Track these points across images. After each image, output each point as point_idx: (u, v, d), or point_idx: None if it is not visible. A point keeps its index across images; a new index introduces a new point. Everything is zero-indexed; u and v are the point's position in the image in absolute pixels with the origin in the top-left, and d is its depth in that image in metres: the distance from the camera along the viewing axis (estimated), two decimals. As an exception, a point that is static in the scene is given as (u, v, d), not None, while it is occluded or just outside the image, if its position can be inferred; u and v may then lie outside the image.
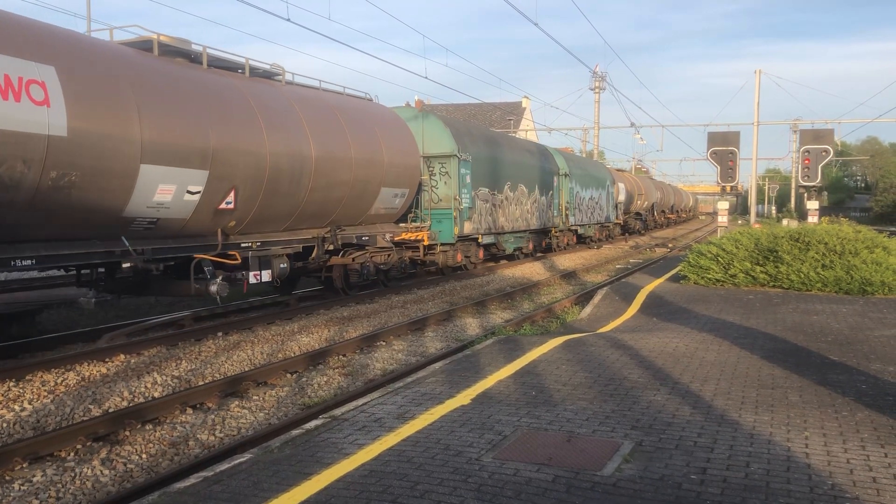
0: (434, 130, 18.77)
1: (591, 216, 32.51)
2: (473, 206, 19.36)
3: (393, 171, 15.22)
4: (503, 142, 23.39)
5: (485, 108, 62.43)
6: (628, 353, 8.11)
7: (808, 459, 4.76)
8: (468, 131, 20.43)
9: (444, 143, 18.68)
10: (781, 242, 14.26)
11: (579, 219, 30.44)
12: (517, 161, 23.30)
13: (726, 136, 28.23)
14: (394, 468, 4.61)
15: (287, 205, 12.28)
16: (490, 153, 21.03)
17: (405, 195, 16.07)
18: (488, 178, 20.58)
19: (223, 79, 11.40)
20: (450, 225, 18.33)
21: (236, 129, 10.83)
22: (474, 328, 12.47)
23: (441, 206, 18.46)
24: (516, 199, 22.88)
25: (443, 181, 18.55)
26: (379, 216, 15.53)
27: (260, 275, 11.95)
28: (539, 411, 5.85)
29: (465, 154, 18.89)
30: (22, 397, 7.74)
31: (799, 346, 8.50)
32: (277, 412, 7.63)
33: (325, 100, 13.99)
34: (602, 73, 53.84)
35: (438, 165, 18.56)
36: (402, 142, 15.98)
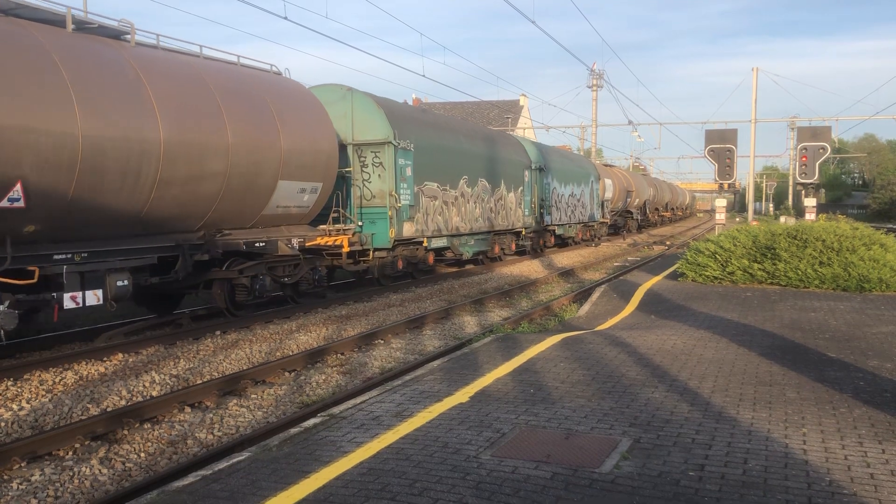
0: (365, 113, 15.73)
1: (571, 215, 29.68)
2: (417, 204, 16.57)
3: (296, 160, 12.35)
4: (460, 129, 20.36)
5: (483, 107, 62.41)
6: (626, 350, 8.12)
7: (805, 456, 4.77)
8: (410, 115, 17.48)
9: (376, 127, 15.61)
10: (779, 240, 14.27)
11: (557, 218, 27.52)
12: (477, 152, 20.35)
13: (724, 134, 28.23)
14: (392, 466, 4.62)
15: (123, 203, 9.53)
16: (440, 142, 18.05)
17: (317, 190, 13.21)
18: (438, 172, 17.64)
19: (20, 32, 8.57)
20: (384, 226, 15.51)
21: (27, 101, 8.19)
22: (472, 326, 12.47)
23: (375, 203, 15.59)
24: (476, 195, 19.94)
25: (376, 174, 15.62)
26: (281, 217, 12.69)
27: (82, 297, 9.15)
28: (537, 409, 5.85)
29: (405, 142, 15.94)
30: (20, 396, 7.74)
31: (797, 343, 8.52)
32: (276, 411, 7.63)
33: (194, 69, 11.05)
34: (600, 71, 53.86)
35: (371, 155, 15.63)
36: (310, 124, 12.94)
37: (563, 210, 28.47)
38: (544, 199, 25.73)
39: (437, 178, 17.64)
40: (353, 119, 15.68)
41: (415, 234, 16.62)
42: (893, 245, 14.26)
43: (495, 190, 21.49)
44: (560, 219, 28.02)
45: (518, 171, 23.62)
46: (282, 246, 12.41)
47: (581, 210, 31.25)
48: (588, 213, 32.53)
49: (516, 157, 23.66)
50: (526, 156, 24.78)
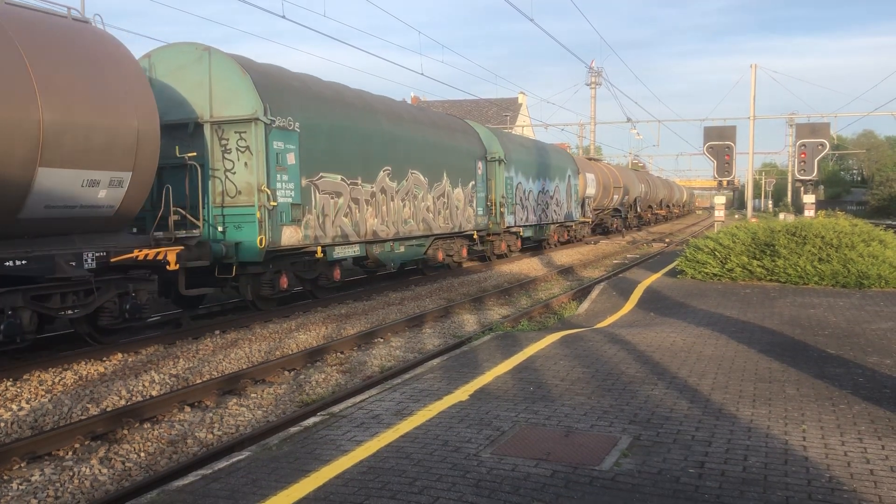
0: (226, 80, 11.90)
1: (543, 214, 25.95)
2: (308, 203, 12.81)
3: (74, 141, 8.70)
4: (380, 108, 15.96)
5: (481, 105, 62.41)
6: (626, 348, 8.12)
7: (805, 452, 4.77)
8: (295, 85, 13.10)
9: (240, 99, 11.75)
10: (778, 237, 14.27)
11: (523, 217, 23.68)
12: (407, 137, 16.49)
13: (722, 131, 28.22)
14: (392, 464, 4.62)
15: None
16: (346, 122, 14.18)
17: (123, 183, 9.42)
18: (344, 161, 13.95)
19: None
20: (252, 232, 11.70)
21: None
22: (472, 324, 12.47)
23: (240, 201, 11.84)
24: (406, 191, 16.30)
25: (242, 162, 11.79)
26: (62, 222, 9.00)
27: None
28: (537, 406, 5.85)
29: (284, 119, 12.21)
30: (20, 396, 7.74)
31: (796, 339, 8.52)
32: (276, 410, 7.63)
33: None
34: (598, 68, 53.84)
35: (235, 136, 11.78)
36: (108, 89, 9.28)
37: (532, 209, 24.70)
38: (506, 197, 22.05)
39: (341, 168, 13.86)
40: (212, 89, 11.92)
41: (302, 241, 12.67)
42: (892, 241, 14.27)
43: (434, 185, 17.76)
44: (528, 219, 24.25)
45: (468, 162, 19.92)
46: (62, 265, 8.89)
47: (555, 209, 27.61)
48: (564, 212, 28.95)
49: (465, 146, 19.94)
50: (479, 144, 21.06)
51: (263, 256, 11.85)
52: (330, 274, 14.23)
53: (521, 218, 23.69)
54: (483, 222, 20.97)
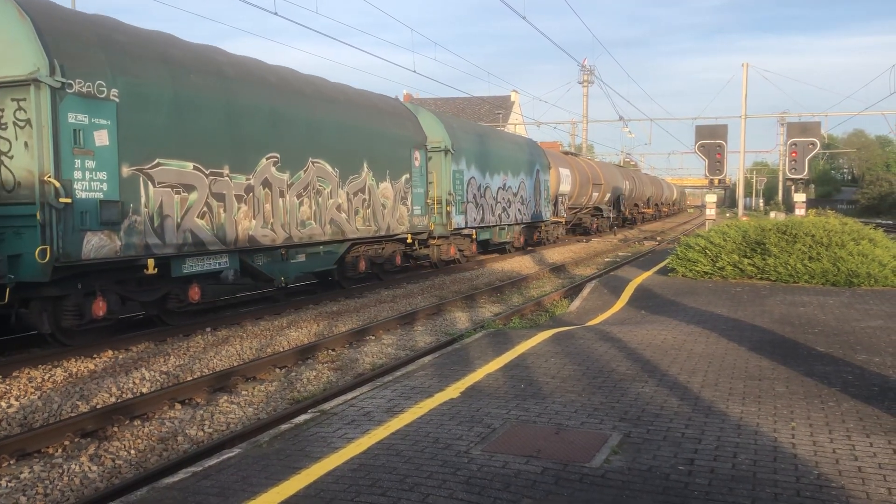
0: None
1: (503, 214, 23.13)
2: (132, 200, 9.60)
3: None
4: (266, 77, 12.50)
5: (474, 102, 62.39)
6: (617, 345, 8.14)
7: (794, 450, 4.79)
8: (116, 40, 9.71)
9: (16, 52, 8.66)
10: (769, 235, 14.33)
11: (477, 217, 20.76)
12: (305, 117, 13.09)
13: (714, 130, 28.27)
14: (383, 462, 4.62)
15: None
16: (204, 90, 10.80)
17: None
18: (198, 143, 10.59)
19: None
20: (33, 240, 8.60)
21: None
22: (464, 322, 12.48)
23: (19, 197, 8.73)
24: (306, 185, 13.08)
25: (21, 142, 8.69)
26: None
27: None
28: (528, 404, 5.86)
29: (90, 83, 9.00)
30: (9, 394, 7.70)
31: (786, 337, 8.56)
32: (266, 407, 7.62)
33: None
34: (590, 66, 53.97)
35: (12, 106, 8.71)
36: None
37: (490, 207, 21.90)
38: (454, 193, 19.05)
39: (194, 153, 10.53)
40: None
41: (122, 252, 9.40)
42: (882, 240, 14.36)
43: (350, 178, 14.48)
44: (484, 219, 21.34)
45: (400, 150, 16.53)
46: None
47: (520, 207, 24.64)
48: (531, 211, 25.88)
49: (396, 132, 16.43)
50: (417, 130, 17.52)
51: (51, 274, 8.57)
52: (184, 294, 10.93)
53: (475, 218, 20.67)
54: (422, 223, 17.54)
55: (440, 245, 19.57)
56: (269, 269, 12.62)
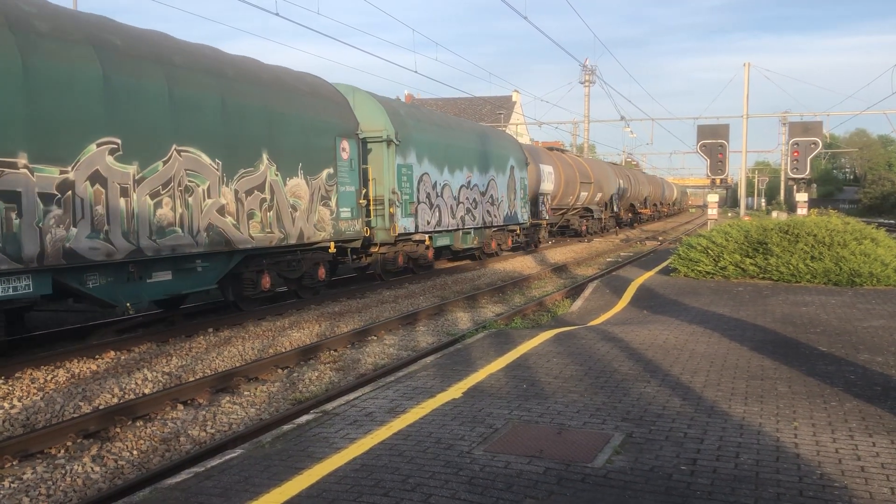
0: None
1: (467, 217, 20.08)
2: None
3: None
4: (106, 39, 9.55)
5: (475, 103, 62.40)
6: (619, 345, 8.14)
7: (797, 449, 4.79)
8: None
9: None
10: (771, 235, 14.32)
11: (432, 221, 17.90)
12: (166, 92, 10.15)
13: (716, 129, 28.25)
14: (385, 462, 4.62)
15: None
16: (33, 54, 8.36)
17: None
18: (22, 131, 8.18)
19: None
20: None
21: None
22: (466, 322, 12.48)
23: None
24: (167, 180, 10.13)
25: None
26: None
27: None
28: (530, 404, 5.86)
29: None
30: (11, 395, 7.71)
31: (788, 337, 8.55)
32: (269, 407, 7.62)
33: None
34: (592, 66, 53.89)
35: None
36: None
37: (450, 209, 19.00)
38: (400, 192, 16.26)
39: (32, 144, 8.33)
40: None
41: None
42: (884, 239, 14.35)
43: (241, 172, 11.46)
44: (443, 222, 18.64)
45: (320, 139, 13.55)
46: None
47: (490, 209, 21.83)
48: (504, 213, 22.98)
49: (312, 116, 13.34)
50: (346, 116, 14.48)
51: None
52: None
53: (430, 221, 17.83)
54: (353, 228, 14.54)
55: (386, 253, 16.61)
56: (107, 292, 9.53)
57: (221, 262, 11.53)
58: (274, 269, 12.99)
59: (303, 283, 14.03)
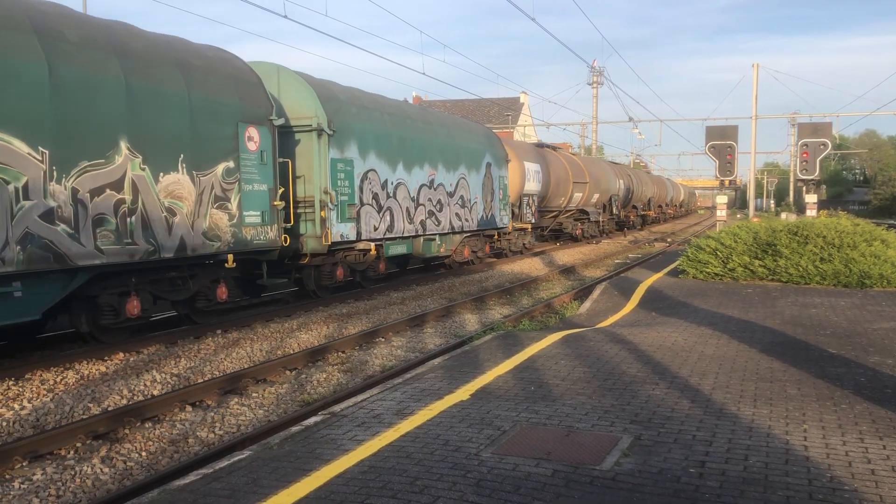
0: None
1: (430, 221, 17.45)
2: None
3: None
4: None
5: (483, 104, 62.39)
6: (627, 347, 8.12)
7: (806, 452, 4.76)
8: None
9: None
10: (780, 236, 14.26)
11: (382, 226, 15.27)
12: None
13: (724, 130, 28.17)
14: (393, 464, 4.62)
15: None
16: None
17: None
18: None
19: None
20: None
21: None
22: (473, 324, 12.47)
23: None
24: None
25: None
26: None
27: None
28: (538, 406, 5.85)
29: None
30: (21, 396, 7.75)
31: (797, 339, 8.51)
32: (277, 409, 7.63)
33: None
34: (600, 67, 53.87)
35: None
36: None
37: (404, 212, 16.21)
38: (333, 191, 13.58)
39: None
40: None
41: None
42: (894, 241, 14.25)
43: (84, 166, 8.92)
44: (396, 227, 15.86)
45: (214, 126, 10.82)
46: None
47: (461, 212, 19.16)
48: (479, 216, 20.28)
49: (206, 96, 10.71)
50: (255, 97, 11.75)
51: None
52: None
53: (379, 227, 15.19)
54: (264, 236, 11.78)
55: (321, 267, 14.04)
56: None
57: (54, 285, 8.73)
58: (147, 290, 10.31)
59: (196, 305, 11.35)
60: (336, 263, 14.39)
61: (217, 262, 11.42)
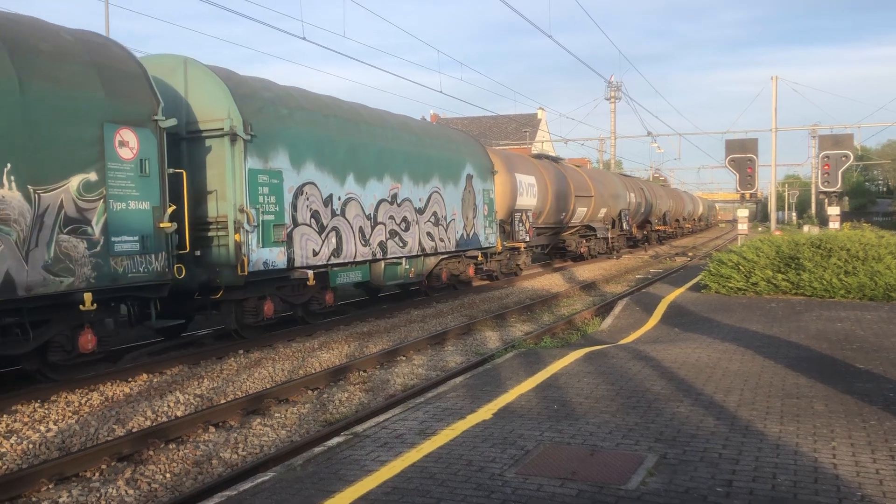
0: None
1: (393, 242, 14.78)
2: None
3: None
4: None
5: (500, 121, 62.56)
6: (650, 364, 8.05)
7: (836, 470, 4.69)
8: None
9: None
10: (803, 249, 14.13)
11: (325, 249, 12.70)
12: None
13: (744, 143, 28.03)
14: (416, 485, 4.60)
15: None
16: None
17: None
18: None
19: None
20: None
21: None
22: (494, 341, 12.44)
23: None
24: None
25: None
26: None
27: None
28: (561, 425, 5.81)
29: None
30: (47, 418, 7.81)
31: (823, 354, 8.40)
32: (299, 429, 7.64)
33: None
34: (617, 82, 53.85)
35: None
36: None
37: (357, 233, 13.55)
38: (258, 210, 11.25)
39: None
40: None
41: None
42: (920, 253, 14.06)
43: None
44: (346, 251, 13.24)
45: (65, 127, 8.59)
46: None
47: (434, 230, 16.42)
48: (458, 236, 17.55)
49: (52, 88, 8.49)
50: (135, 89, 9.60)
51: None
52: None
53: (321, 251, 12.53)
54: (144, 268, 9.46)
55: (245, 300, 11.50)
56: None
57: None
58: None
59: (49, 359, 8.92)
60: (264, 297, 11.79)
61: (68, 306, 8.76)
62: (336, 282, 13.36)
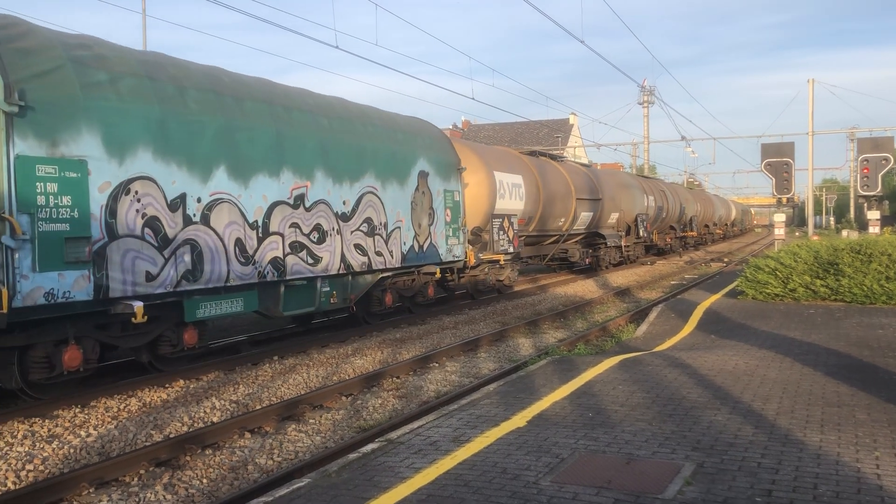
0: None
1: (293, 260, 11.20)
2: None
3: None
4: None
5: (532, 127, 62.46)
6: (686, 371, 7.96)
7: (879, 481, 4.59)
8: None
9: None
10: (842, 255, 13.87)
11: (172, 274, 9.21)
12: None
13: (780, 147, 27.66)
14: (451, 492, 4.59)
15: None
16: None
17: None
18: None
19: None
20: None
21: None
22: (527, 348, 12.39)
23: None
24: None
25: None
26: None
27: None
28: (597, 433, 5.77)
29: None
30: (87, 423, 7.95)
31: (864, 361, 8.23)
32: (334, 435, 7.68)
33: None
34: (650, 87, 53.44)
35: None
36: None
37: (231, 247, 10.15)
38: (34, 219, 7.73)
39: None
40: None
41: None
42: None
43: None
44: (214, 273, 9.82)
45: None
46: None
47: (366, 243, 12.97)
48: (406, 248, 14.13)
49: None
50: None
51: None
52: None
53: (164, 273, 9.17)
54: None
55: (31, 347, 8.26)
56: None
57: None
58: None
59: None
60: (64, 341, 8.49)
61: None
62: (197, 315, 9.86)
